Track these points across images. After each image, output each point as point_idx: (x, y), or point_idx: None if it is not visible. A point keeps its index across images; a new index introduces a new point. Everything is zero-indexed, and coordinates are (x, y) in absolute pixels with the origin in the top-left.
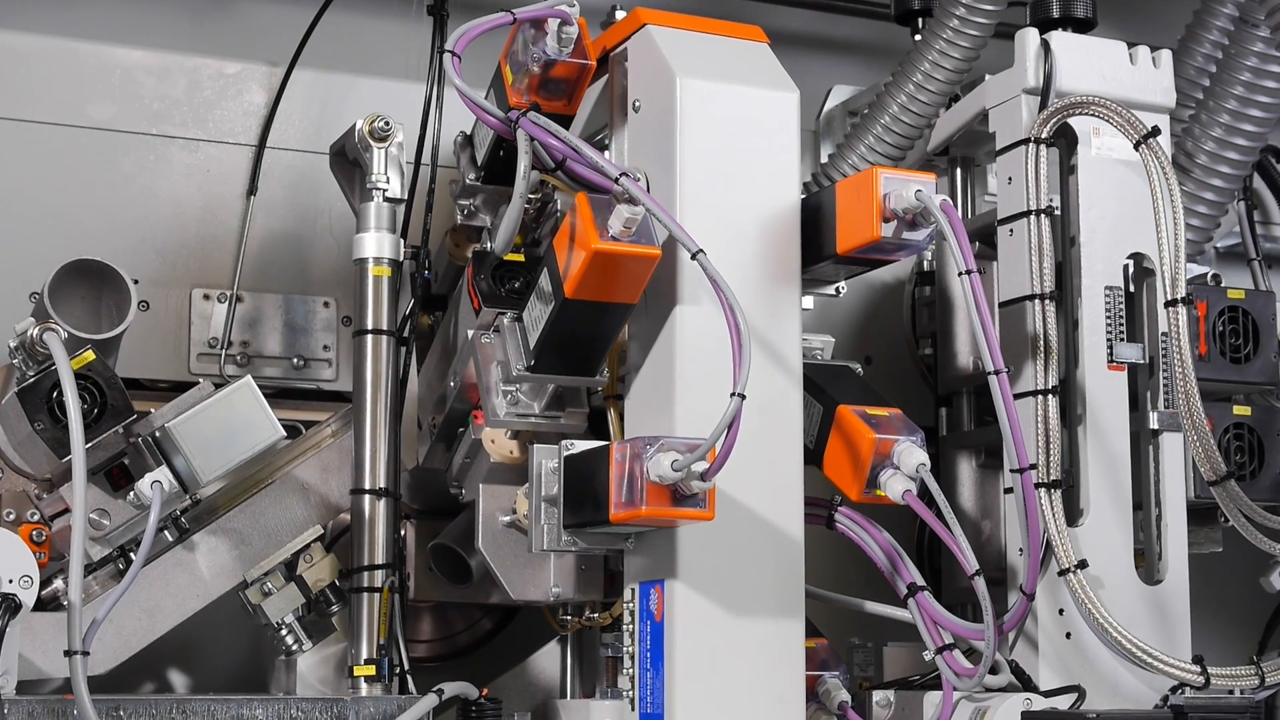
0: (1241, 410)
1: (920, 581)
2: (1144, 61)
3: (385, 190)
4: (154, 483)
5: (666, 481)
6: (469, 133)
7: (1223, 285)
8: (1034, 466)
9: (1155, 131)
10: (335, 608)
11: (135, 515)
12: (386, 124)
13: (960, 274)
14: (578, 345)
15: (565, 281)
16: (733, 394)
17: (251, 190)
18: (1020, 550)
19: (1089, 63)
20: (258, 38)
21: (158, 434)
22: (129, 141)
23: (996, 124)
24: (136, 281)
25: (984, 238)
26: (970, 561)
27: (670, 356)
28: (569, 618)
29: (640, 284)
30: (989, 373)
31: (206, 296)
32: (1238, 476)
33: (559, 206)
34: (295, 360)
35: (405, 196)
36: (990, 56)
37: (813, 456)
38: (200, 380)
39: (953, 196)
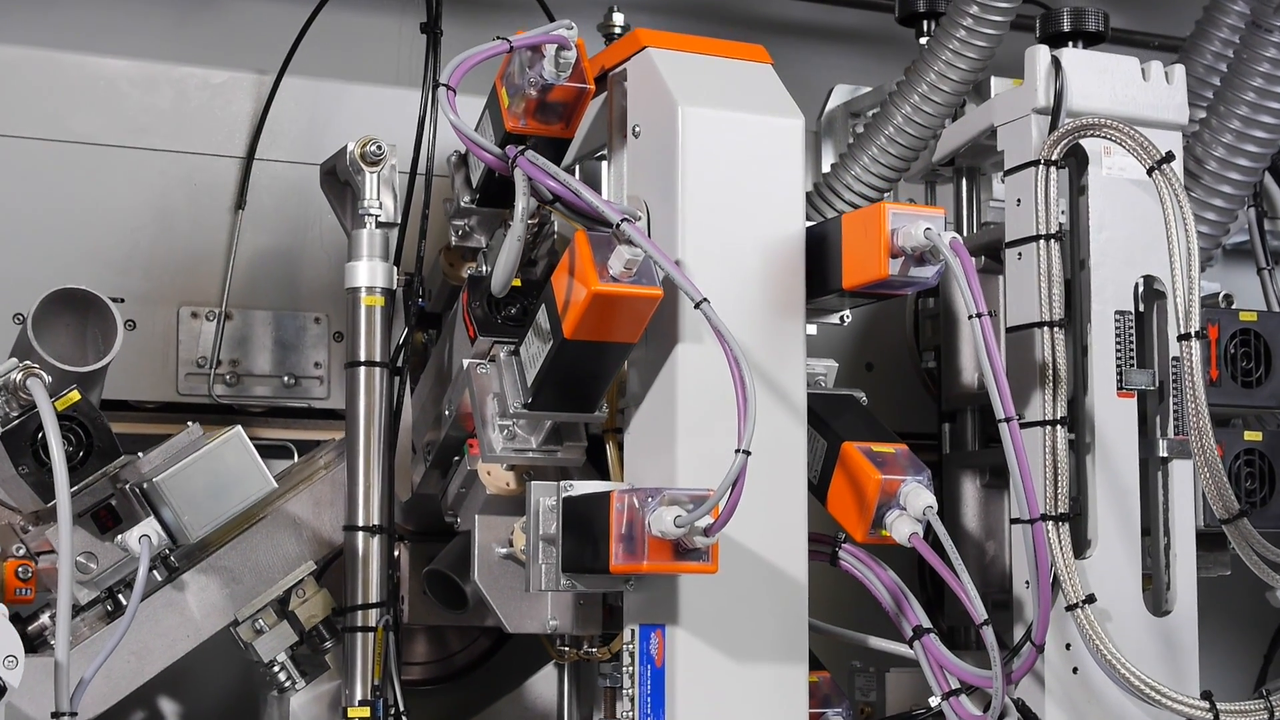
0: (1253, 436)
1: (926, 623)
2: (1156, 77)
3: (378, 216)
4: (142, 537)
5: (669, 537)
6: (464, 152)
7: (1234, 306)
8: (1045, 517)
9: (1169, 157)
10: (329, 644)
11: (123, 558)
12: (379, 148)
13: (970, 317)
14: (577, 383)
15: (564, 321)
16: (738, 450)
17: (240, 204)
18: (1027, 583)
19: (1100, 80)
20: (245, 45)
21: (145, 486)
22: (113, 155)
23: (1005, 142)
24: (122, 300)
25: (990, 252)
26: (979, 611)
27: (671, 397)
28: (567, 648)
29: (641, 324)
30: (1000, 420)
31: (195, 314)
32: (1247, 504)
33: (556, 228)
34: (286, 379)
35: (398, 221)
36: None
37: (816, 491)
38: (188, 425)
39: (958, 207)
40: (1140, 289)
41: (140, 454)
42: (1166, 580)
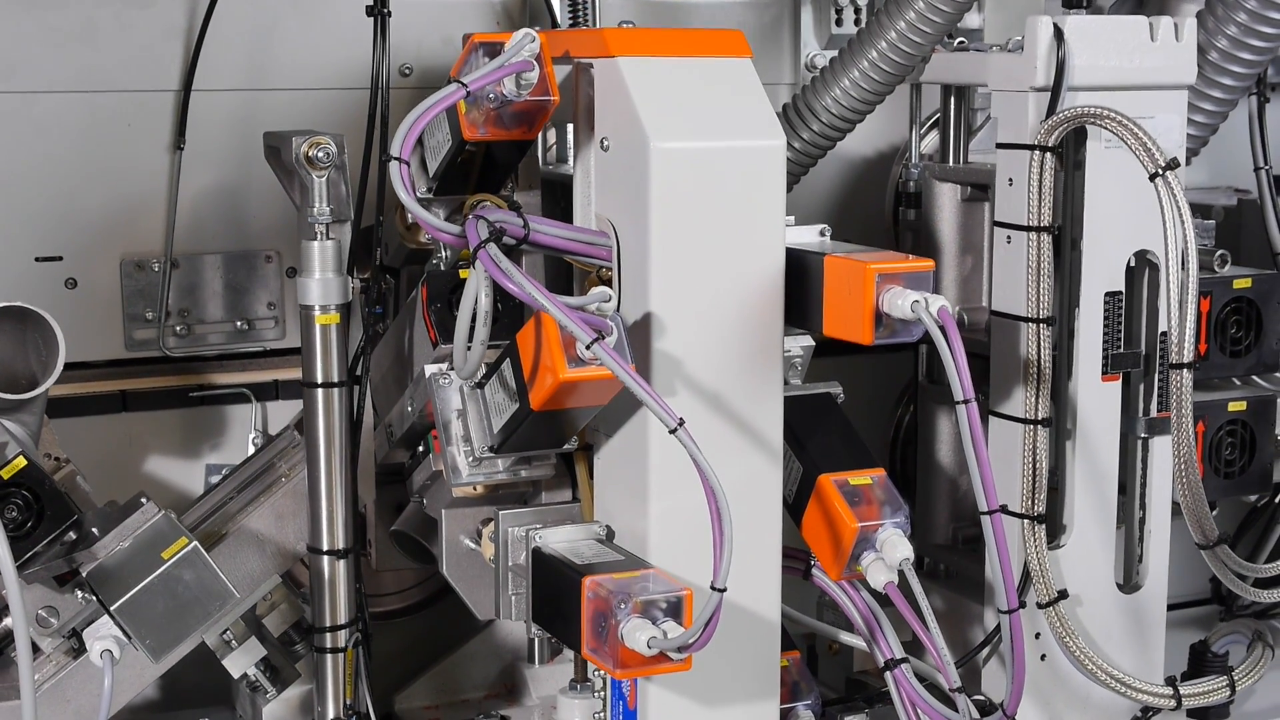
0: (1237, 406)
1: (900, 654)
2: (1165, 36)
3: (329, 224)
4: (104, 652)
5: (643, 653)
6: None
7: (1228, 268)
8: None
9: (1174, 164)
10: (299, 647)
11: (84, 608)
12: (327, 154)
13: (957, 403)
14: (544, 434)
15: (530, 395)
16: (713, 587)
17: (178, 144)
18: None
19: (1106, 48)
20: None
21: (101, 598)
22: (35, 101)
23: (999, 109)
24: (60, 258)
25: (977, 185)
26: (952, 676)
27: (644, 454)
28: None
29: (610, 395)
30: (982, 512)
31: (139, 265)
32: (1225, 474)
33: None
34: (239, 323)
35: (352, 216)
36: None
37: (791, 510)
38: (142, 503)
39: (944, 125)
40: (1132, 263)
41: (94, 530)
42: (1139, 554)
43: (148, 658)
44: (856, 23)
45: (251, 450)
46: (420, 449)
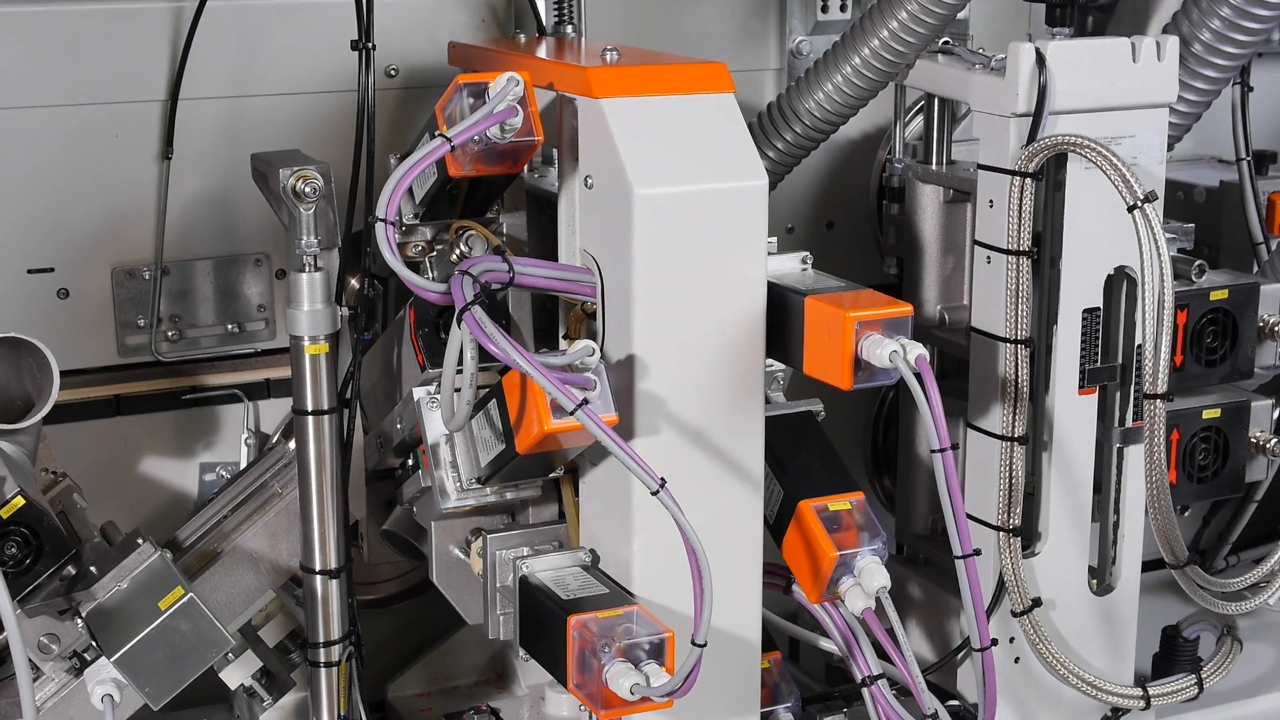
0: (1211, 413)
1: (876, 671)
2: (1147, 56)
3: (317, 254)
4: (105, 696)
5: (626, 698)
6: (404, 154)
7: (1206, 276)
8: (995, 642)
9: (1151, 197)
10: (294, 655)
11: (84, 635)
12: (314, 189)
13: (933, 451)
14: (531, 468)
15: (516, 439)
16: (693, 643)
17: (166, 153)
18: None
19: (1088, 71)
20: None
21: (99, 643)
22: (22, 115)
23: (981, 129)
24: (52, 269)
25: (959, 188)
26: (927, 701)
27: (627, 492)
28: None
29: (593, 439)
30: (956, 556)
31: (130, 274)
32: (1198, 479)
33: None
34: (230, 327)
35: (339, 242)
36: None
37: (772, 531)
38: (139, 544)
39: (927, 127)
40: (1111, 272)
41: (93, 569)
42: (1112, 556)
43: (147, 703)
44: (842, 9)
45: (244, 450)
46: (410, 461)
